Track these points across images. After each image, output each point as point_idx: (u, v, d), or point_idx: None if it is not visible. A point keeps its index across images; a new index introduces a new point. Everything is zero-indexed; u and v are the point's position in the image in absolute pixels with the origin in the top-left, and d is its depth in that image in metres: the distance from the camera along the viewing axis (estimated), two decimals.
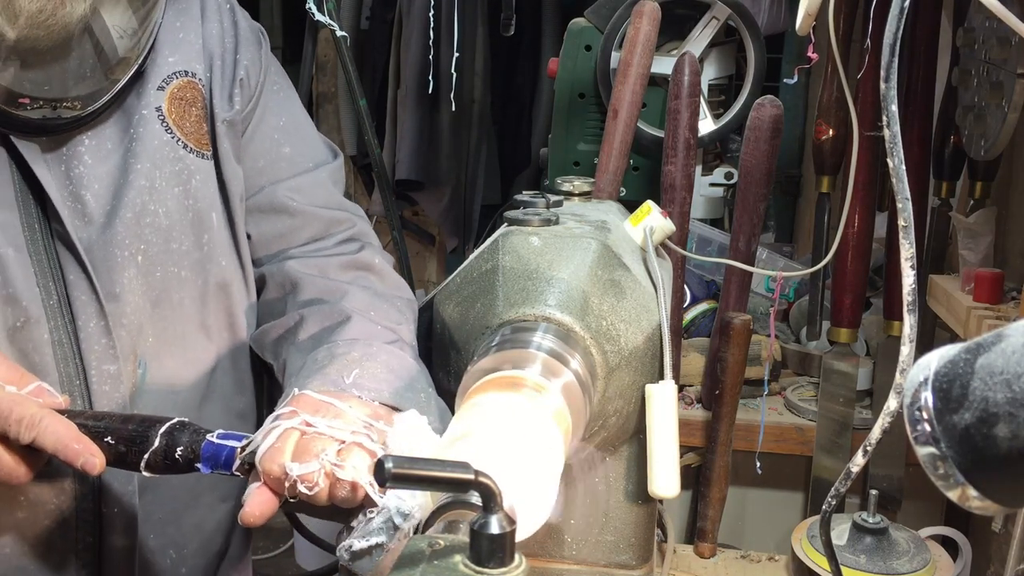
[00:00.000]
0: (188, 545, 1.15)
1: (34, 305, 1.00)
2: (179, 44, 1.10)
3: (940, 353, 0.56)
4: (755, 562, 1.42)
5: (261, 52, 1.17)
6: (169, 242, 1.08)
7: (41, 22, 0.92)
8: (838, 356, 1.60)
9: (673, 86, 1.57)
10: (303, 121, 1.23)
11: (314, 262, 1.16)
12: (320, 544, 1.16)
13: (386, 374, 0.98)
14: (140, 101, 1.06)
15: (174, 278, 1.09)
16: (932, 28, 1.55)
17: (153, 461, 0.91)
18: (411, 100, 3.03)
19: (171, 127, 1.08)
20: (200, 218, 1.10)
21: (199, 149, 1.10)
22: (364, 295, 1.12)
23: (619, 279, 0.98)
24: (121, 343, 1.04)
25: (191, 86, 1.10)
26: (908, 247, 0.76)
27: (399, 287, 1.19)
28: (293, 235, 1.19)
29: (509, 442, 0.73)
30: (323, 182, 1.21)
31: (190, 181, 1.09)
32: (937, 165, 1.64)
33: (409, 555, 0.61)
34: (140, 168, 1.05)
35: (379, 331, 1.06)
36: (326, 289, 1.12)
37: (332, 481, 0.85)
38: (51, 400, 0.94)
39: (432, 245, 3.56)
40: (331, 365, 0.98)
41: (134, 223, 1.04)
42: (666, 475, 0.97)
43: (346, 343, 1.03)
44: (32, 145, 1.00)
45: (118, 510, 1.06)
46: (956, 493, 0.54)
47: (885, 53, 0.72)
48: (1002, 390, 0.51)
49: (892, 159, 0.74)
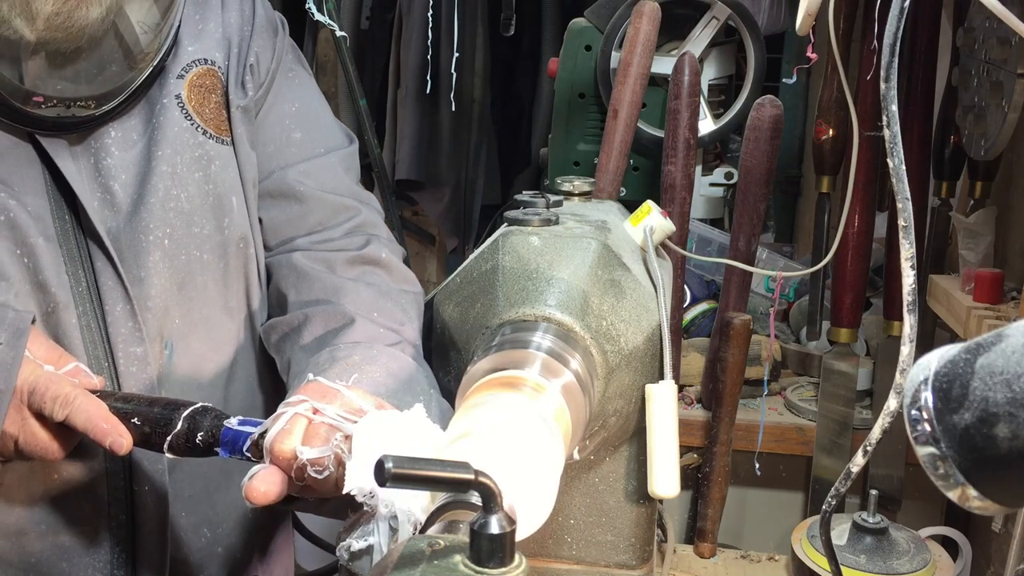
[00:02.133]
0: (223, 524, 1.17)
1: (63, 291, 1.03)
2: (199, 34, 1.12)
3: (940, 353, 0.56)
4: (755, 562, 1.42)
5: (276, 40, 1.19)
6: (191, 226, 1.10)
7: (59, 24, 0.94)
8: (838, 356, 1.60)
9: (673, 86, 1.57)
10: (318, 107, 1.24)
11: (321, 256, 1.17)
12: (320, 544, 1.17)
13: (385, 377, 0.99)
14: (162, 91, 1.09)
15: (197, 261, 1.11)
16: (932, 28, 1.55)
17: (176, 443, 0.93)
18: (411, 100, 3.02)
19: (191, 114, 1.10)
20: (220, 202, 1.12)
21: (219, 135, 1.12)
22: (369, 294, 1.13)
23: (619, 279, 0.98)
24: (147, 326, 1.07)
25: (211, 73, 1.12)
26: (908, 247, 0.76)
27: (407, 280, 1.19)
28: (301, 221, 1.20)
29: (509, 442, 0.73)
30: (333, 167, 1.22)
31: (210, 166, 1.11)
32: (937, 165, 1.64)
33: (409, 555, 0.61)
34: (162, 155, 1.07)
35: (381, 333, 1.08)
36: (332, 287, 1.13)
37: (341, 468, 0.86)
38: (87, 380, 0.97)
39: (432, 245, 3.56)
40: (331, 368, 0.99)
41: (159, 208, 1.07)
42: (666, 475, 0.97)
43: (348, 346, 1.04)
44: (59, 141, 1.03)
45: (148, 488, 1.08)
46: (956, 493, 0.54)
47: (885, 53, 0.72)
48: (1002, 390, 0.51)
49: (892, 159, 0.74)
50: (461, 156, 3.14)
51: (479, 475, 0.59)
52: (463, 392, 0.83)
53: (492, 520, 0.58)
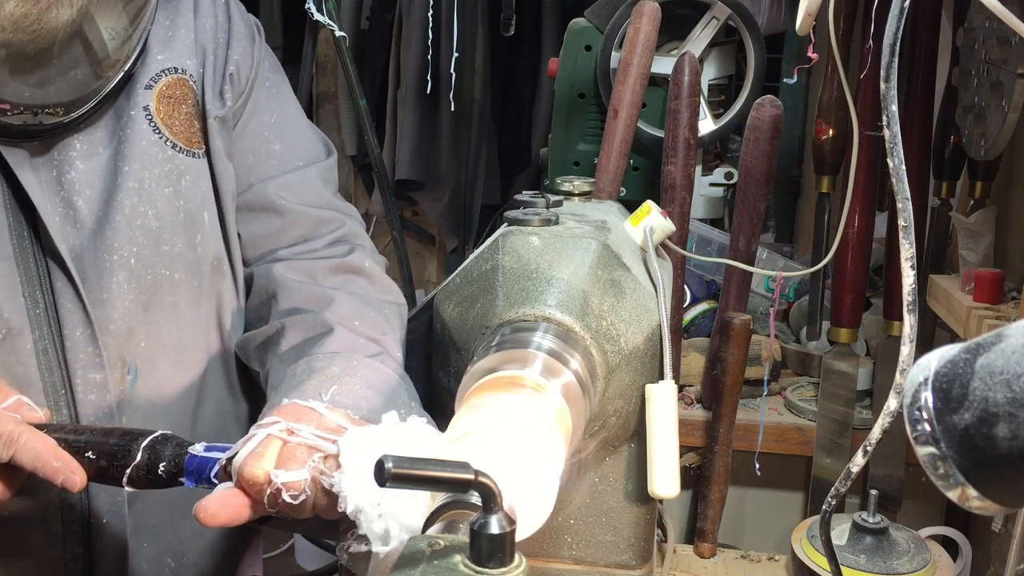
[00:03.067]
0: (188, 553, 1.13)
1: (17, 316, 0.98)
2: (169, 41, 1.07)
3: (940, 353, 0.56)
4: (755, 562, 1.42)
5: (254, 47, 1.15)
6: (160, 244, 1.05)
7: (26, 27, 0.89)
8: (838, 356, 1.60)
9: (673, 86, 1.57)
10: (296, 117, 1.21)
11: (303, 265, 1.14)
12: (320, 544, 1.16)
13: (364, 390, 0.96)
14: (129, 101, 1.04)
15: (166, 281, 1.06)
16: (932, 28, 1.55)
17: (136, 476, 0.88)
18: (411, 100, 3.03)
19: (159, 127, 1.06)
20: (192, 219, 1.08)
21: (189, 148, 1.08)
22: (350, 302, 1.09)
23: (619, 279, 0.98)
24: (108, 351, 1.02)
25: (181, 83, 1.07)
26: (908, 247, 0.76)
27: (389, 291, 1.17)
28: (281, 235, 1.16)
29: (509, 442, 0.73)
30: (313, 180, 1.18)
31: (180, 181, 1.07)
32: (937, 165, 1.64)
33: (409, 555, 0.61)
34: (129, 170, 1.03)
35: (362, 344, 1.04)
36: (312, 296, 1.10)
37: (318, 490, 0.83)
38: (30, 414, 0.92)
39: (432, 245, 3.56)
40: (309, 380, 0.96)
41: (125, 226, 1.03)
42: (666, 475, 0.97)
43: (326, 356, 1.01)
44: (20, 151, 0.98)
45: (107, 520, 1.05)
46: (956, 493, 0.54)
47: (885, 53, 0.72)
48: (1002, 390, 0.51)
49: (892, 159, 0.74)
50: (461, 156, 3.14)
51: (479, 475, 0.59)
52: (463, 392, 0.83)
53: (492, 520, 0.58)
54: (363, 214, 3.57)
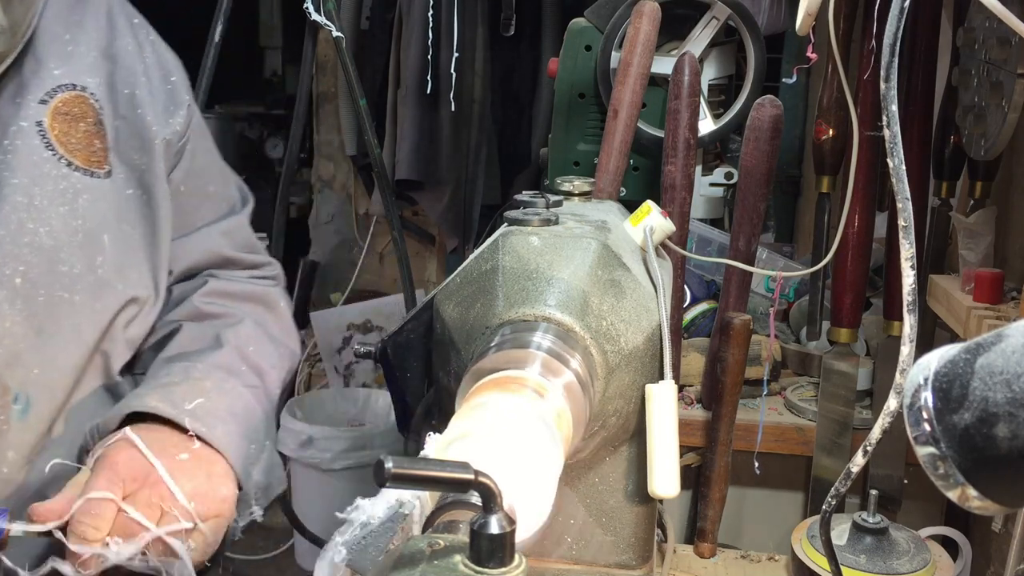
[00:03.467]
0: None
1: None
2: (68, 56, 1.03)
3: (940, 353, 0.56)
4: (755, 562, 1.42)
5: (188, 82, 1.15)
6: (55, 264, 0.98)
7: None
8: (838, 356, 1.60)
9: (673, 86, 1.57)
10: (220, 159, 1.22)
11: (225, 285, 1.17)
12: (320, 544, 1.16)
13: (225, 415, 0.96)
14: (19, 112, 0.98)
15: (64, 303, 0.99)
16: (932, 28, 1.55)
17: None
18: (411, 100, 3.03)
19: (52, 143, 0.99)
20: (91, 239, 1.01)
21: (88, 167, 1.02)
22: (253, 330, 1.12)
23: (619, 279, 0.98)
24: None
25: (79, 100, 1.02)
26: (908, 247, 0.76)
27: (290, 335, 1.20)
28: (220, 272, 1.19)
29: (509, 442, 0.73)
30: (245, 225, 1.22)
31: (77, 200, 1.01)
32: (937, 165, 1.64)
33: (409, 555, 0.61)
34: (17, 183, 0.97)
35: (244, 370, 1.05)
36: (220, 311, 1.12)
37: None
38: None
39: (432, 245, 3.56)
40: (181, 385, 0.95)
41: (9, 242, 0.95)
42: (666, 475, 0.97)
43: (206, 368, 1.01)
44: None
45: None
46: (956, 493, 0.54)
47: (885, 53, 0.72)
48: (1002, 390, 0.51)
49: (892, 159, 0.74)
50: (461, 156, 3.14)
51: (479, 475, 0.59)
52: (463, 392, 0.83)
53: (492, 520, 0.58)
54: (363, 214, 3.58)
